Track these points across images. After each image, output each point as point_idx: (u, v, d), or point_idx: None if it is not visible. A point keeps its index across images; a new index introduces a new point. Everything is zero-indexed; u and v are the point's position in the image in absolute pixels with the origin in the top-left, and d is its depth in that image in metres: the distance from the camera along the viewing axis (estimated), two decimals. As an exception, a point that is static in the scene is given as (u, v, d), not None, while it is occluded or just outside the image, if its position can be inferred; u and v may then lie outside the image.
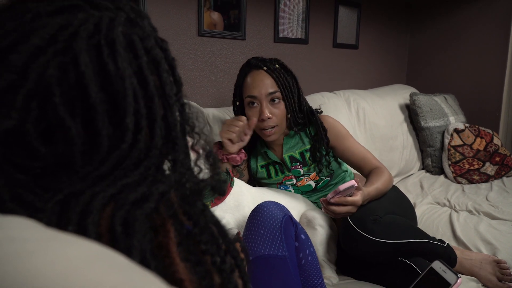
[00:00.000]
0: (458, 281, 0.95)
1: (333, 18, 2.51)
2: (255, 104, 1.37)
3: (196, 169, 0.52)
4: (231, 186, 1.26)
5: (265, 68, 1.37)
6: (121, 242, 0.37)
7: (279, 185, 1.52)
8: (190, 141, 0.54)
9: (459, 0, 2.87)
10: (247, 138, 1.38)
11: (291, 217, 1.04)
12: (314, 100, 2.06)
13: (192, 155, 0.53)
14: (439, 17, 2.99)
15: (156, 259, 0.38)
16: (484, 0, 2.75)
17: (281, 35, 2.15)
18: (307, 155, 1.47)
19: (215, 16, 1.81)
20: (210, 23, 1.79)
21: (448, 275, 0.97)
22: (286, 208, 1.06)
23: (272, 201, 1.05)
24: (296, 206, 1.38)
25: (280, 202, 1.09)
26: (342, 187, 1.16)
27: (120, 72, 0.43)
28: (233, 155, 1.37)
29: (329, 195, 1.21)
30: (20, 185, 0.39)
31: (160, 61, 0.48)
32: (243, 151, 1.42)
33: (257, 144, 1.54)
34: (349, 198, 1.20)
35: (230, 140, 1.35)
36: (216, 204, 1.20)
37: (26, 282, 0.23)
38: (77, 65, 0.41)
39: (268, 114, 1.35)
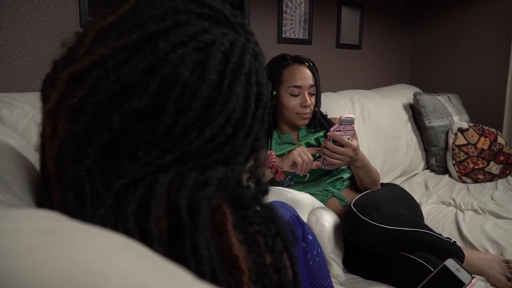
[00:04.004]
0: (473, 281, 0.92)
1: (336, 19, 2.51)
2: (297, 94, 1.54)
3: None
4: None
5: (307, 64, 1.58)
6: (186, 221, 0.40)
7: (294, 172, 1.54)
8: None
9: (462, 0, 2.87)
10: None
11: (298, 218, 1.04)
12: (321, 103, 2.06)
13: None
14: (442, 17, 2.99)
15: (215, 238, 0.41)
16: (487, 0, 2.75)
17: (284, 36, 2.15)
18: (323, 139, 1.58)
19: (218, 17, 1.81)
20: (213, 24, 1.80)
21: (462, 274, 0.94)
22: (293, 208, 1.06)
23: (279, 201, 1.05)
24: (304, 204, 1.38)
25: (288, 201, 1.09)
26: (343, 116, 1.31)
27: (233, 93, 0.46)
28: (282, 171, 1.43)
29: (331, 128, 1.35)
30: (97, 165, 0.43)
31: (264, 97, 0.52)
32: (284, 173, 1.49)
33: (272, 138, 1.64)
34: (346, 140, 1.34)
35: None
36: None
37: (60, 271, 0.23)
38: (206, 65, 0.44)
39: (309, 102, 1.55)
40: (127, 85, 0.43)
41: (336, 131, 1.34)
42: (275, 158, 1.46)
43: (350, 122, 1.33)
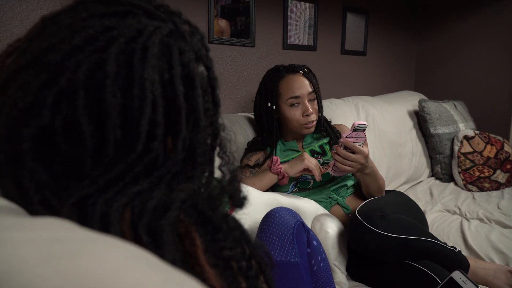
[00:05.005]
0: None
1: (341, 25, 2.51)
2: (297, 104, 1.55)
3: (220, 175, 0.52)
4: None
5: (301, 72, 1.58)
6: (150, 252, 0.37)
7: (299, 177, 1.55)
8: (218, 161, 0.53)
9: (468, 7, 2.87)
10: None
11: (303, 223, 1.03)
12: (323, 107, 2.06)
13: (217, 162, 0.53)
14: (448, 24, 2.99)
15: (187, 268, 0.38)
16: (493, 6, 2.74)
17: (289, 41, 2.16)
18: (327, 146, 1.62)
19: (223, 23, 1.82)
20: (218, 30, 1.80)
21: (468, 286, 0.94)
22: (298, 214, 1.06)
23: (284, 207, 1.05)
24: (308, 211, 1.38)
25: (292, 207, 1.09)
26: (356, 122, 1.31)
27: (143, 78, 0.42)
28: (287, 176, 1.45)
29: (344, 134, 1.34)
30: (46, 187, 0.40)
31: (196, 76, 0.47)
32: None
33: (276, 146, 1.64)
34: (358, 147, 1.34)
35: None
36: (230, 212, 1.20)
37: (76, 281, 0.23)
38: (104, 66, 0.41)
39: (311, 110, 1.54)
40: (23, 107, 0.40)
41: (349, 137, 1.33)
42: (280, 163, 1.47)
43: (363, 128, 1.33)
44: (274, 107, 1.58)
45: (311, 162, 1.43)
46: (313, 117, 1.56)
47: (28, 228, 0.28)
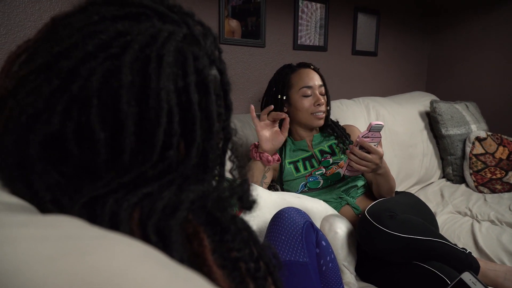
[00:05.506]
0: None
1: (352, 25, 2.50)
2: (309, 94, 1.59)
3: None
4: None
5: (312, 67, 1.65)
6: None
7: (308, 177, 1.57)
8: (229, 164, 0.53)
9: (480, 8, 2.84)
10: (284, 135, 1.50)
11: (312, 224, 1.04)
12: (333, 107, 2.06)
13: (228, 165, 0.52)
14: (460, 24, 2.96)
15: (194, 268, 0.37)
16: (506, 7, 2.71)
17: (299, 42, 2.16)
18: (336, 146, 1.64)
19: (234, 23, 1.83)
20: (228, 30, 1.81)
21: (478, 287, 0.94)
22: (307, 215, 1.06)
23: (293, 207, 1.05)
24: (317, 211, 1.38)
25: (301, 208, 1.09)
26: (373, 122, 1.31)
27: (159, 88, 0.42)
28: (266, 154, 1.46)
29: (360, 134, 1.34)
30: (57, 187, 0.40)
31: (210, 83, 0.47)
32: (277, 154, 1.52)
33: (286, 145, 1.65)
34: (374, 147, 1.34)
35: (266, 138, 1.48)
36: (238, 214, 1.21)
37: (85, 277, 0.24)
38: (119, 74, 0.41)
39: (323, 100, 1.59)
40: (32, 113, 0.40)
41: (364, 137, 1.33)
42: (254, 147, 1.49)
43: (379, 129, 1.33)
44: (284, 97, 1.62)
45: (264, 115, 1.49)
46: (323, 107, 1.61)
47: (39, 225, 0.29)
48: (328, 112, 1.65)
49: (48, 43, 0.43)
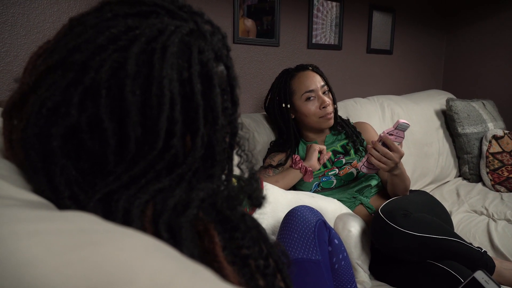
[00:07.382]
0: None
1: (367, 24, 2.49)
2: (312, 98, 1.58)
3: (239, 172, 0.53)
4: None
5: (310, 68, 1.63)
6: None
7: (322, 177, 1.57)
8: (237, 159, 0.54)
9: (497, 5, 2.79)
10: (320, 165, 1.56)
11: (324, 222, 1.05)
12: (347, 106, 2.06)
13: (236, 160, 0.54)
14: (477, 22, 2.92)
15: (205, 264, 0.38)
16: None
17: (314, 41, 2.16)
18: (348, 146, 1.64)
19: (249, 23, 1.84)
20: (243, 30, 1.83)
21: (490, 286, 0.94)
22: (320, 213, 1.07)
23: (305, 206, 1.06)
24: (331, 210, 1.39)
25: (315, 207, 1.10)
26: (401, 120, 1.30)
27: (162, 77, 0.44)
28: (311, 169, 1.51)
29: (385, 130, 1.34)
30: (75, 182, 0.43)
31: (214, 75, 0.48)
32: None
33: (299, 147, 1.67)
34: (396, 145, 1.33)
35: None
36: (252, 211, 1.22)
37: (96, 267, 0.26)
38: (125, 65, 0.43)
39: (328, 100, 1.57)
40: (52, 107, 0.42)
41: (389, 134, 1.32)
42: (300, 160, 1.51)
43: (405, 128, 1.32)
44: (289, 105, 1.61)
45: (318, 145, 1.54)
46: (330, 108, 1.59)
47: (54, 220, 0.31)
48: (335, 110, 1.65)
49: (64, 41, 0.45)
